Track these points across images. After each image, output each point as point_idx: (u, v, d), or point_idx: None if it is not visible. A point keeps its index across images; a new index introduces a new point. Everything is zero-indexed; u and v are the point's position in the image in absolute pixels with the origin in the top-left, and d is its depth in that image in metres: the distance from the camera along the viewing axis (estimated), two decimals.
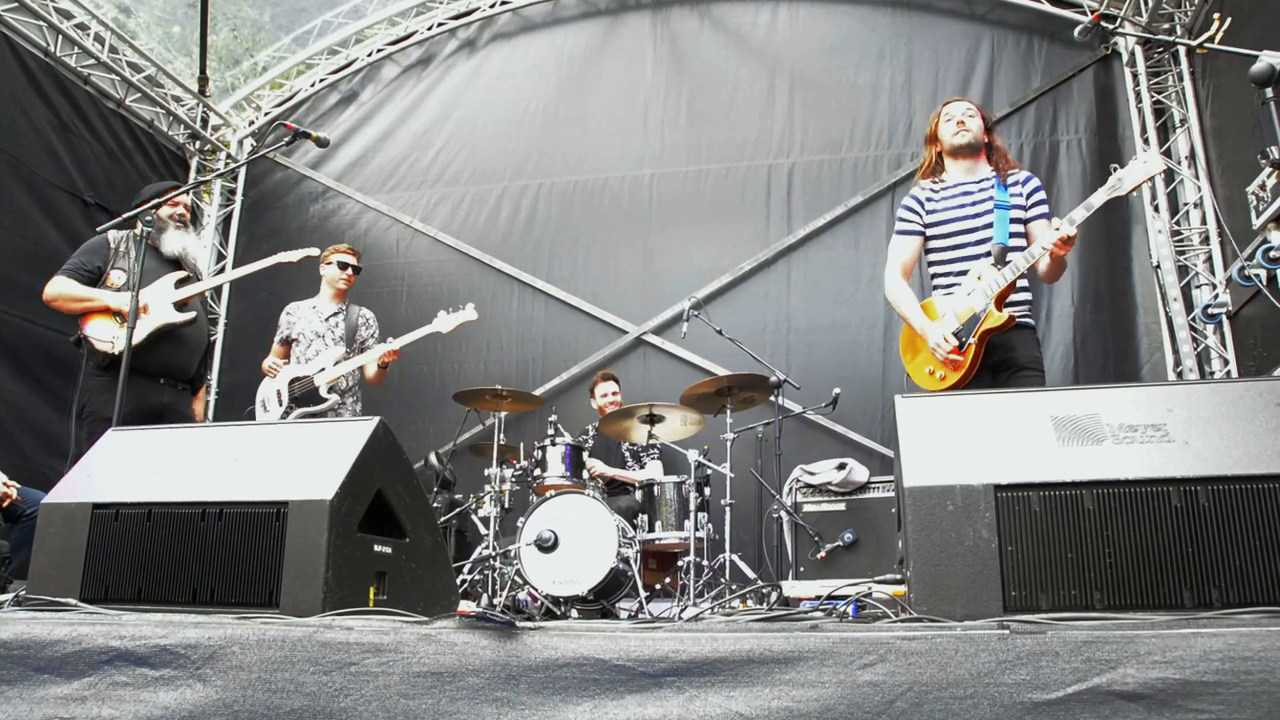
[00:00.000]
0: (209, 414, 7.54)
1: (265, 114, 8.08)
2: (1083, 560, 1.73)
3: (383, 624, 1.79)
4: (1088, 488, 1.76)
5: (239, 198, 7.97)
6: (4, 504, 3.92)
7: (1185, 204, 6.09)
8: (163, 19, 7.91)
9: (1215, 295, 5.62)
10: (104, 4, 6.93)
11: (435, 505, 5.29)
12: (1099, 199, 3.08)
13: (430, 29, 7.70)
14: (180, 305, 4.12)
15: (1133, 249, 6.07)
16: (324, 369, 4.68)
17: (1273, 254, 3.92)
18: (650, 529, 4.72)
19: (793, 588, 4.24)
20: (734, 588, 4.39)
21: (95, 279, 4.06)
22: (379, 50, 7.81)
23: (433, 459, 5.93)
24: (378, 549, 2.25)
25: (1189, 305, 5.87)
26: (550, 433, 4.93)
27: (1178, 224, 6.06)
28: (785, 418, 5.23)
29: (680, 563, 4.52)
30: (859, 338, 6.31)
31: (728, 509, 4.50)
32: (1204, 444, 1.79)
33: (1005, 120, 6.39)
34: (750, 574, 4.63)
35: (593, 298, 6.90)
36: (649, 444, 5.48)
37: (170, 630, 1.82)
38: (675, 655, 1.62)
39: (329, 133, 6.59)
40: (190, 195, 4.44)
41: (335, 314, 4.94)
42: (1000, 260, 3.28)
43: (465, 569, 4.70)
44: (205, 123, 7.84)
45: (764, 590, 4.39)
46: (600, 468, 5.31)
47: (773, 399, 5.02)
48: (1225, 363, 5.63)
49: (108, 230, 4.15)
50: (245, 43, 8.48)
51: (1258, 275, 4.05)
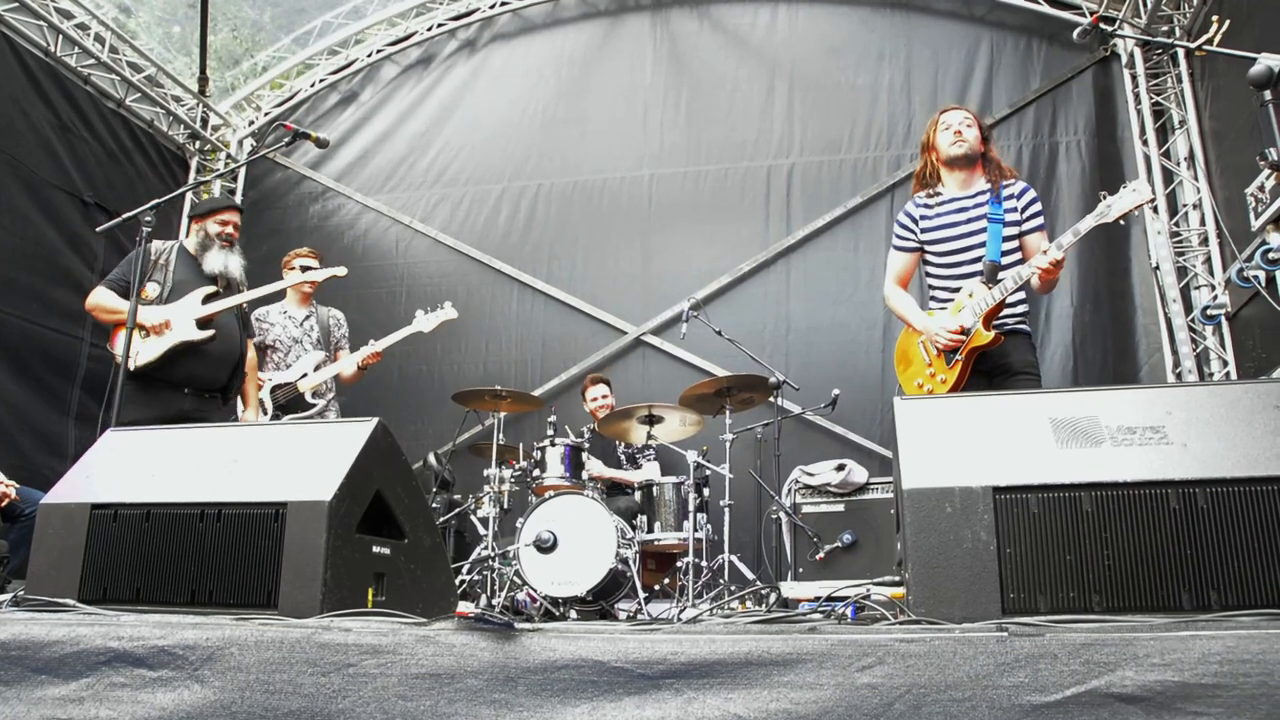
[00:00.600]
0: None
1: (265, 114, 8.08)
2: (1081, 562, 1.73)
3: (381, 625, 1.79)
4: (1086, 490, 1.76)
5: (239, 198, 7.94)
6: (3, 504, 3.92)
7: (1184, 205, 6.09)
8: (163, 19, 7.91)
9: (1214, 297, 5.62)
10: (104, 4, 6.93)
11: (434, 506, 5.28)
12: (1086, 225, 3.09)
13: (430, 30, 7.70)
14: (204, 322, 4.10)
15: (1132, 250, 6.07)
16: (306, 374, 4.69)
17: (1271, 255, 3.92)
18: (649, 530, 4.73)
19: (791, 589, 4.24)
20: (733, 589, 4.39)
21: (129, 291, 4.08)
22: (379, 51, 7.80)
23: (432, 459, 5.93)
24: (376, 550, 2.25)
25: (1188, 307, 5.87)
26: (549, 433, 4.94)
27: (1177, 225, 6.06)
28: (784, 418, 5.23)
29: (679, 564, 4.53)
30: (858, 338, 6.32)
31: (727, 510, 4.50)
32: (1203, 446, 1.79)
33: (1004, 122, 6.39)
34: (749, 575, 4.63)
35: (592, 298, 6.90)
36: (645, 445, 5.48)
37: (168, 631, 1.82)
38: (674, 657, 1.62)
39: (329, 133, 6.61)
40: (240, 214, 4.45)
41: (308, 317, 4.95)
42: (991, 278, 3.29)
43: (464, 570, 4.70)
44: (205, 123, 7.84)
45: (763, 591, 4.39)
46: (598, 468, 5.31)
47: (772, 400, 5.02)
48: (1224, 364, 5.64)
49: (150, 241, 4.15)
50: (245, 43, 8.49)
51: (1256, 277, 4.05)
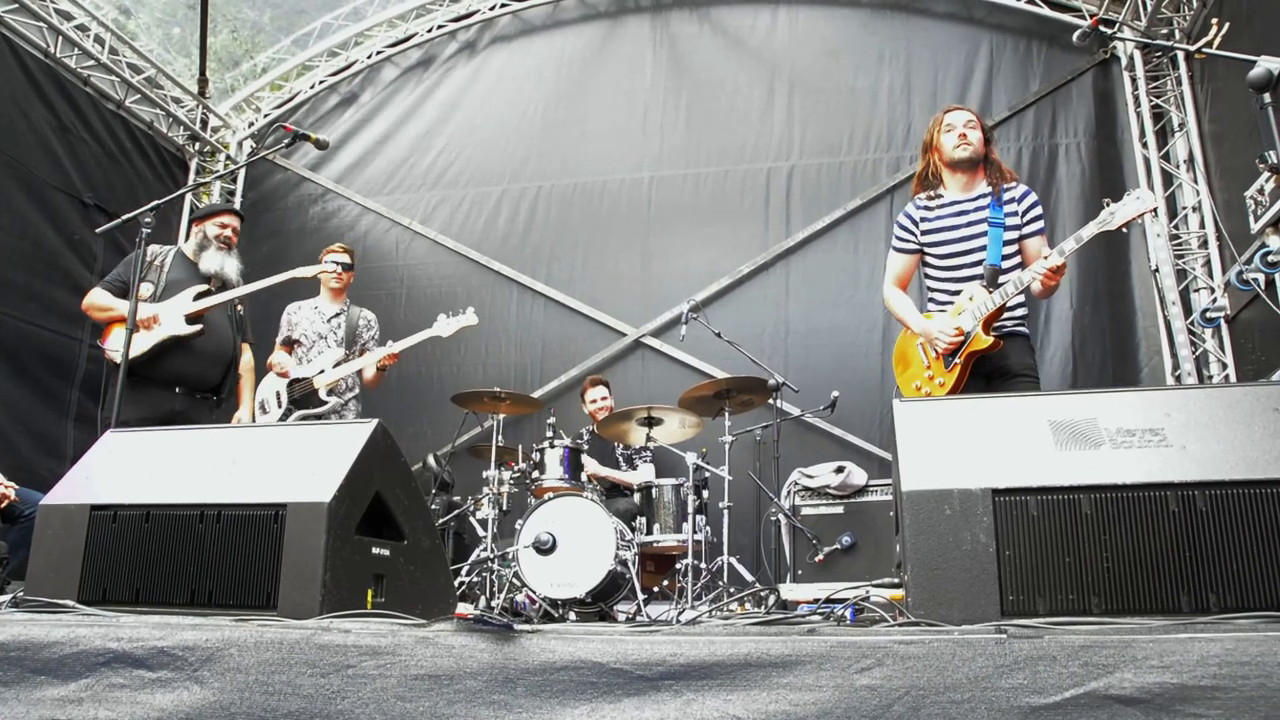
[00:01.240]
0: None
1: (265, 116, 8.08)
2: (1080, 565, 1.73)
3: (380, 626, 1.79)
4: (1085, 492, 1.76)
5: (238, 199, 7.94)
6: (2, 505, 3.91)
7: (1184, 208, 6.10)
8: (162, 20, 7.92)
9: (1214, 299, 5.63)
10: (104, 5, 6.94)
11: (433, 507, 5.28)
12: (1089, 232, 3.10)
13: (430, 31, 7.71)
14: (194, 318, 4.15)
15: (1131, 252, 6.07)
16: (323, 371, 4.67)
17: (1271, 258, 3.92)
18: (648, 531, 4.72)
19: (791, 591, 4.24)
20: (732, 591, 4.39)
21: (126, 291, 4.12)
22: (379, 52, 7.81)
23: (431, 461, 5.93)
24: (376, 551, 2.25)
25: (1187, 309, 5.88)
26: (549, 435, 4.93)
27: (1176, 228, 6.07)
28: (783, 420, 5.23)
29: (678, 565, 4.52)
30: (857, 341, 6.32)
31: (726, 512, 4.50)
32: (1202, 449, 1.79)
33: (1004, 124, 6.39)
34: (748, 577, 4.62)
35: (591, 300, 6.90)
36: (643, 446, 5.48)
37: (168, 632, 1.82)
38: (673, 659, 1.62)
39: (328, 135, 6.60)
40: (240, 219, 4.54)
41: (337, 315, 4.93)
42: (992, 282, 3.29)
43: (463, 571, 4.69)
44: (205, 124, 7.84)
45: (762, 593, 4.39)
46: (594, 467, 5.31)
47: (771, 402, 5.02)
48: (1224, 367, 5.64)
49: (148, 243, 4.21)
50: (245, 44, 8.49)
51: (1256, 279, 4.05)
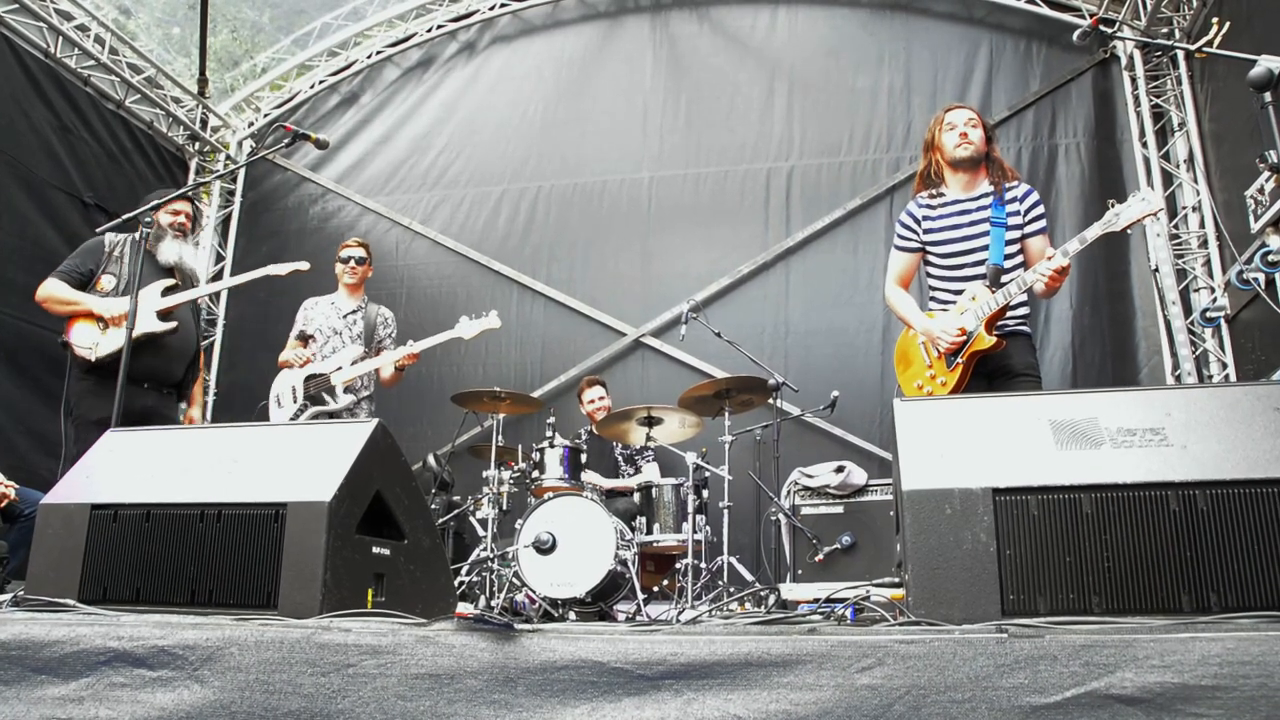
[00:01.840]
0: (208, 415, 7.53)
1: (265, 116, 8.07)
2: (1081, 564, 1.73)
3: (381, 626, 1.79)
4: (1086, 491, 1.76)
5: (238, 199, 7.96)
6: (2, 504, 3.91)
7: (1184, 207, 6.10)
8: (162, 20, 7.92)
9: (1214, 299, 5.63)
10: (104, 5, 6.94)
11: (433, 507, 5.28)
12: (1093, 233, 3.09)
13: (430, 31, 7.71)
14: (165, 314, 4.09)
15: (1131, 252, 6.07)
16: (340, 368, 4.65)
17: (1271, 258, 3.93)
18: (648, 531, 4.72)
19: (791, 590, 4.24)
20: (732, 590, 4.39)
21: (86, 282, 4.04)
22: (379, 52, 7.80)
23: (431, 461, 5.93)
24: (376, 551, 2.25)
25: (1187, 309, 5.88)
26: (548, 435, 4.93)
27: (1176, 228, 6.07)
28: (783, 420, 5.23)
29: (678, 565, 4.52)
30: (857, 341, 6.32)
31: (726, 511, 4.49)
32: (1202, 448, 1.79)
33: (1004, 124, 6.39)
34: (748, 576, 4.62)
35: (591, 300, 6.90)
36: (644, 446, 5.47)
37: (168, 631, 1.82)
38: (673, 658, 1.62)
39: (328, 135, 6.57)
40: (192, 205, 4.41)
41: (354, 311, 4.89)
42: (995, 282, 3.28)
43: (463, 571, 4.70)
44: (205, 124, 7.84)
45: (762, 593, 4.39)
46: (595, 479, 5.30)
47: (771, 401, 5.02)
48: (1224, 366, 5.64)
49: (104, 233, 4.14)
50: (245, 44, 8.49)
51: (1256, 279, 4.06)
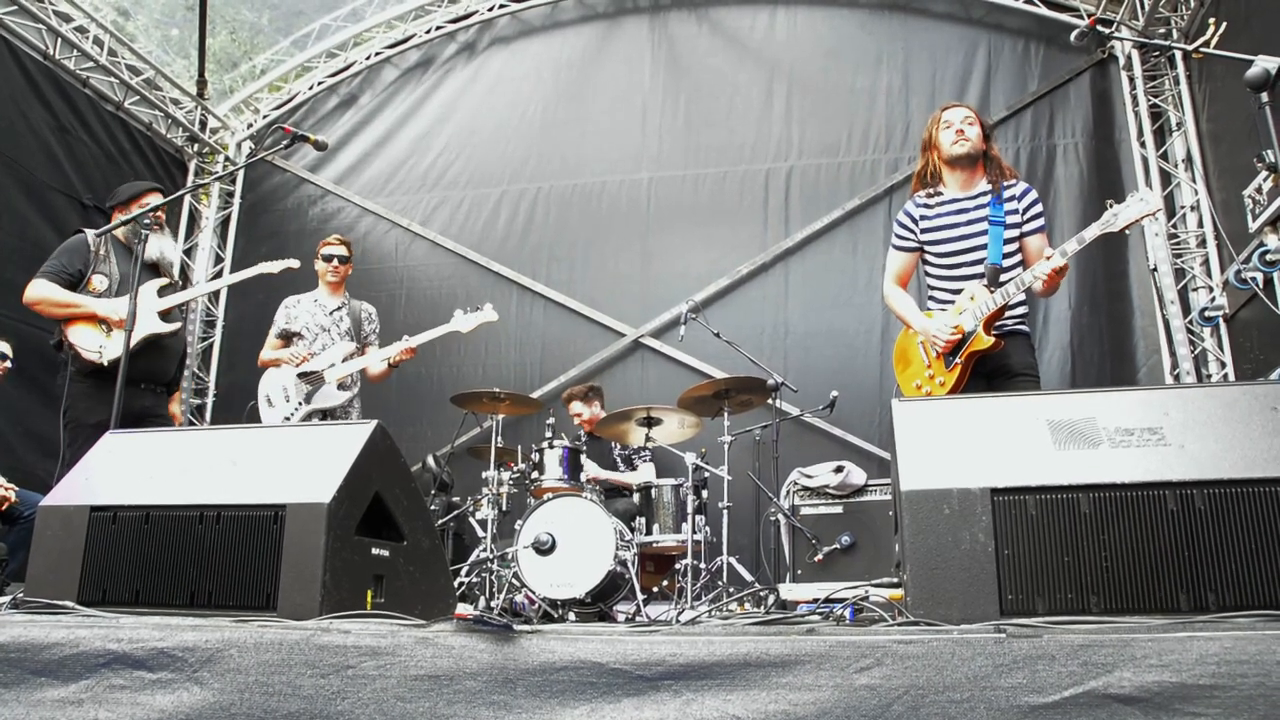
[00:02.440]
0: (207, 416, 7.53)
1: (264, 117, 8.07)
2: (1079, 564, 1.73)
3: (380, 627, 1.79)
4: (1084, 491, 1.77)
5: (237, 200, 7.95)
6: (2, 506, 3.91)
7: (1182, 207, 6.10)
8: (161, 22, 7.91)
9: (1212, 298, 5.63)
10: (103, 7, 6.93)
11: (433, 508, 5.28)
12: (1091, 234, 3.09)
13: (429, 32, 7.70)
14: (164, 314, 4.10)
15: (1129, 252, 6.08)
16: (334, 364, 4.64)
17: (1269, 257, 3.94)
18: (648, 532, 4.73)
19: (790, 590, 4.25)
20: (731, 591, 4.39)
21: (76, 283, 3.99)
22: (378, 53, 7.80)
23: (430, 461, 5.93)
24: (375, 552, 2.25)
25: (1186, 308, 5.89)
26: (548, 435, 4.93)
27: (1174, 227, 6.07)
28: (783, 420, 5.23)
29: (678, 565, 4.52)
30: (856, 341, 6.32)
31: (725, 512, 4.50)
32: (1200, 448, 1.79)
33: (1002, 124, 6.39)
34: (748, 577, 4.62)
35: (591, 301, 6.90)
36: (642, 446, 5.48)
37: (168, 633, 1.82)
38: (672, 659, 1.62)
39: (328, 136, 6.60)
40: (160, 195, 4.29)
41: (339, 308, 4.89)
42: (993, 281, 3.28)
43: (463, 572, 4.70)
44: (204, 125, 7.83)
45: (761, 593, 4.39)
46: (594, 470, 5.31)
47: (770, 402, 5.02)
48: (1222, 366, 5.65)
49: (85, 230, 4.11)
50: (244, 45, 8.48)
51: (1254, 278, 4.07)
